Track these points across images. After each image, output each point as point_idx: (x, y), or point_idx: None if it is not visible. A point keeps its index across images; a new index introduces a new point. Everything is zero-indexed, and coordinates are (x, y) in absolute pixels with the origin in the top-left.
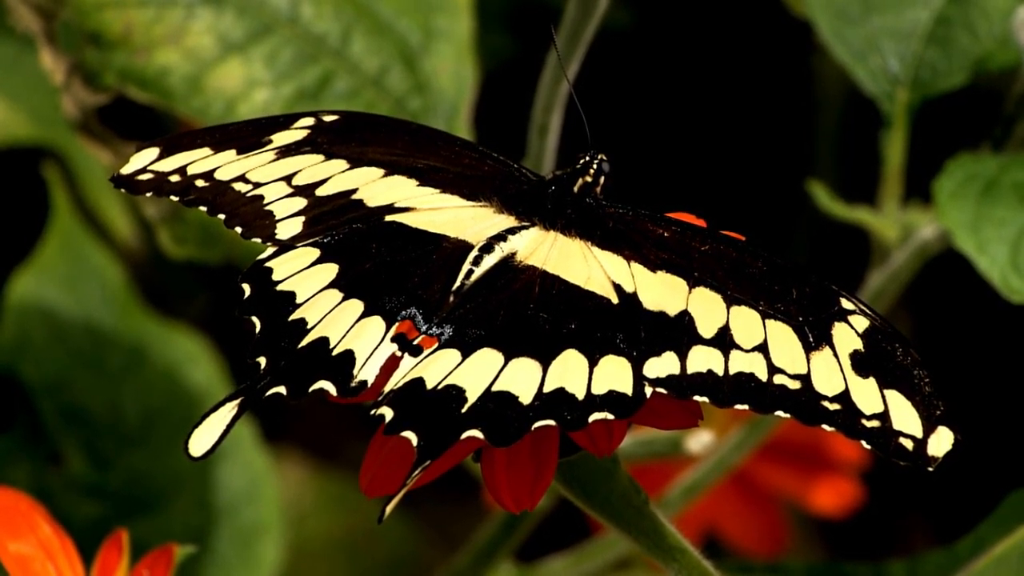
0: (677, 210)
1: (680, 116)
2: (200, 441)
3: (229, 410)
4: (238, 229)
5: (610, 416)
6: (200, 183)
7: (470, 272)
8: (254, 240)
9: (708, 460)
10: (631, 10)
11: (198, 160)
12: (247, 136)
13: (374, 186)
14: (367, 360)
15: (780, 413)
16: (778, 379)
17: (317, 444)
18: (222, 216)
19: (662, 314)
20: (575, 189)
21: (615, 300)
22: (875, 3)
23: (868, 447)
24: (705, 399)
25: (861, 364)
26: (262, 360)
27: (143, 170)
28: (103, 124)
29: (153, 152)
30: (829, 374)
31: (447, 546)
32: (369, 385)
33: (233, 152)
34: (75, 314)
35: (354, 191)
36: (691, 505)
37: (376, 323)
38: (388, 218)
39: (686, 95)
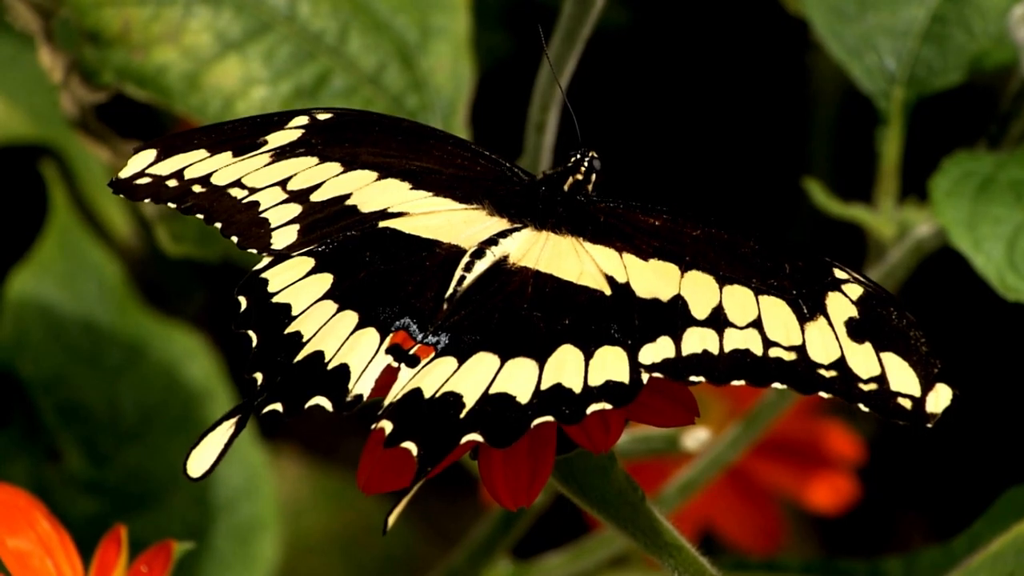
0: (673, 207)
1: (677, 114)
2: (199, 461)
3: (227, 428)
4: (234, 239)
5: (608, 406)
6: (197, 188)
7: (462, 279)
8: (250, 251)
9: (704, 457)
10: (628, 8)
11: (195, 163)
12: (242, 137)
13: (367, 191)
14: (362, 374)
15: (777, 385)
16: (773, 352)
17: (314, 441)
18: (218, 225)
19: (655, 300)
20: (565, 188)
21: (608, 292)
22: (871, 1)
23: (866, 410)
24: (701, 378)
25: (856, 330)
26: (259, 376)
27: (141, 174)
28: (101, 122)
29: (150, 155)
30: (824, 343)
31: (444, 543)
32: (364, 399)
33: (229, 154)
34: (73, 311)
35: (348, 196)
36: (687, 502)
37: (370, 335)
38: (382, 224)
39: (683, 93)
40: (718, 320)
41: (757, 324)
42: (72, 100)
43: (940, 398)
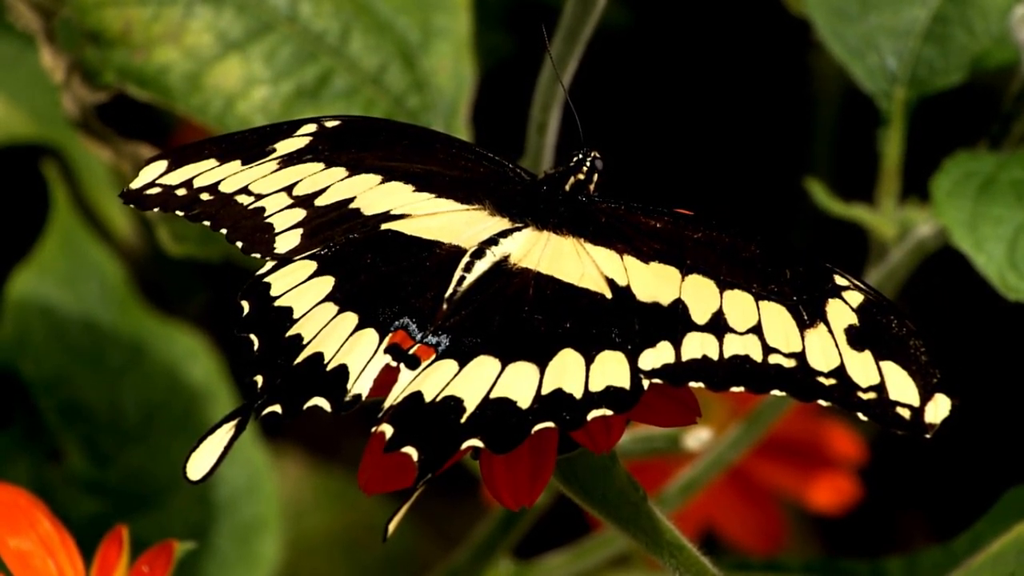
0: (674, 207)
1: (679, 114)
2: (198, 464)
3: (227, 431)
4: (239, 244)
5: (609, 412)
6: (205, 196)
7: (462, 279)
8: (254, 255)
9: (706, 457)
10: (630, 8)
11: (204, 172)
12: (252, 146)
13: (371, 194)
14: (360, 374)
15: (776, 392)
16: (773, 359)
17: (316, 441)
18: (224, 231)
19: (656, 304)
20: (567, 188)
21: (608, 295)
22: (873, 1)
23: (865, 418)
24: (700, 384)
25: (856, 338)
26: (259, 379)
27: (151, 184)
28: (103, 122)
29: (161, 166)
30: (824, 350)
31: (445, 543)
32: (363, 399)
33: (238, 163)
34: (75, 311)
35: (351, 200)
36: (689, 502)
37: (369, 335)
38: (384, 226)
39: (685, 93)
40: (718, 325)
41: (757, 330)
42: (73, 100)
43: (939, 408)
